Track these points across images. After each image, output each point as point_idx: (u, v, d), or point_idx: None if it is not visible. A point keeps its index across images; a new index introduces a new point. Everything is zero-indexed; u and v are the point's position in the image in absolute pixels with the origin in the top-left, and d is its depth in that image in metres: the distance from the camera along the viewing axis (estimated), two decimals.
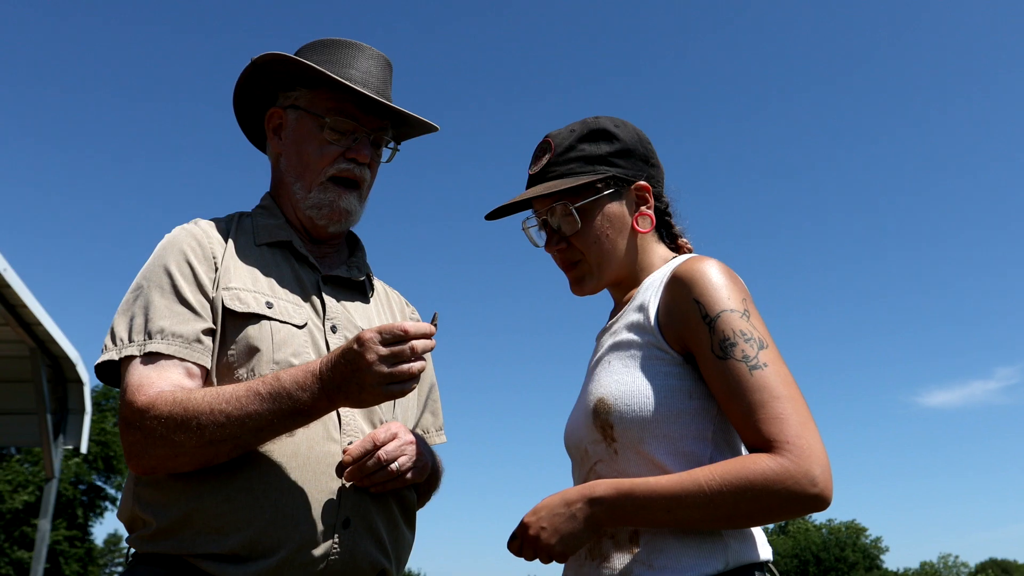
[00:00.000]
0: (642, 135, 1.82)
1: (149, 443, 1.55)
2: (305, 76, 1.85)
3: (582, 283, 1.78)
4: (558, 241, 1.77)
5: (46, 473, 8.82)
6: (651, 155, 1.81)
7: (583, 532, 1.52)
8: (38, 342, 8.13)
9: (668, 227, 1.85)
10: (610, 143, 1.76)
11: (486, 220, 1.87)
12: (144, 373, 1.61)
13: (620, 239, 1.75)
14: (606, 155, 1.75)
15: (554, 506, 1.55)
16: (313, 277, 1.86)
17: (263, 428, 1.54)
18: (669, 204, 1.85)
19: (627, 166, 1.76)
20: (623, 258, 1.76)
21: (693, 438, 1.55)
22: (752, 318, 1.54)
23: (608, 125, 1.78)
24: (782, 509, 1.42)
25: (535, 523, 1.55)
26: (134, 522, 1.67)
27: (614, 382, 1.61)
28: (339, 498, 1.64)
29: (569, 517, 1.53)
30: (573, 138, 1.76)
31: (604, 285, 1.78)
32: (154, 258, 1.76)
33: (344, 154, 1.85)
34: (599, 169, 1.73)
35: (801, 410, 1.46)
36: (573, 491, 1.55)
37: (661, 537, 1.51)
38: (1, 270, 6.90)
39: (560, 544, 1.52)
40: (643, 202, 1.77)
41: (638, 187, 1.76)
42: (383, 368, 1.49)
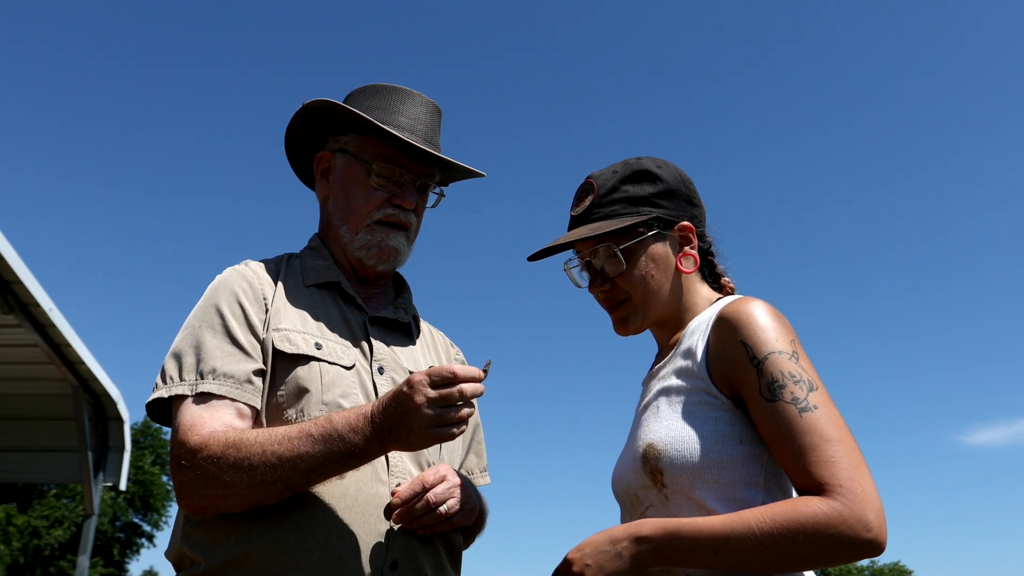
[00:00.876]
0: (684, 175, 1.83)
1: (201, 483, 1.57)
2: (354, 122, 1.89)
3: (626, 323, 1.77)
4: (602, 282, 1.77)
5: (86, 510, 8.89)
6: (693, 195, 1.82)
7: (628, 571, 1.50)
8: (80, 380, 8.26)
9: (711, 267, 1.85)
10: (653, 184, 1.76)
11: (528, 262, 1.88)
12: (196, 413, 1.63)
13: (665, 279, 1.75)
14: (649, 196, 1.75)
15: (599, 543, 1.53)
16: (360, 318, 1.88)
17: (314, 470, 1.55)
18: (712, 244, 1.85)
19: (670, 207, 1.76)
20: (668, 298, 1.75)
21: (744, 484, 1.54)
22: (801, 360, 1.53)
23: (651, 166, 1.78)
24: (834, 554, 1.39)
25: (579, 560, 1.53)
26: (182, 561, 1.68)
27: (663, 427, 1.60)
28: (387, 540, 1.64)
29: (614, 555, 1.51)
30: (616, 179, 1.77)
31: (648, 325, 1.78)
32: (206, 298, 1.79)
33: (390, 200, 1.88)
34: (643, 210, 1.74)
35: (853, 453, 1.44)
36: (619, 529, 1.54)
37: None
38: (47, 310, 7.04)
39: None
40: (687, 242, 1.77)
41: (681, 227, 1.76)
42: (432, 411, 1.49)
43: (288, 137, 2.00)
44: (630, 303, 1.76)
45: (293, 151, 2.04)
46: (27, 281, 6.73)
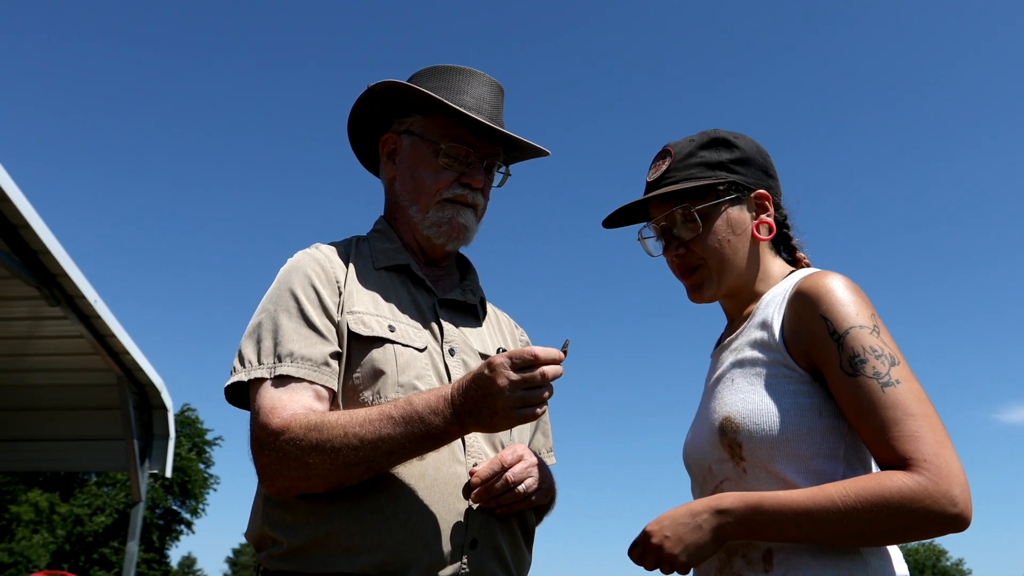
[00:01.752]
0: (761, 148, 1.81)
1: (283, 465, 1.58)
2: (420, 103, 1.89)
3: (701, 289, 1.76)
4: (677, 246, 1.75)
5: (133, 497, 9.05)
6: (770, 167, 1.81)
7: (708, 544, 1.50)
8: (125, 370, 8.39)
9: (786, 239, 1.83)
10: (730, 151, 1.76)
11: (603, 227, 1.88)
12: (276, 396, 1.64)
13: (740, 245, 1.73)
14: (726, 161, 1.75)
15: (678, 516, 1.53)
16: (430, 300, 1.88)
17: (395, 452, 1.56)
18: (788, 216, 1.83)
19: (747, 174, 1.75)
20: (742, 266, 1.74)
21: (824, 456, 1.53)
22: (882, 334, 1.52)
23: (727, 135, 1.78)
24: (918, 529, 1.39)
25: (658, 532, 1.53)
26: (263, 541, 1.70)
27: (740, 400, 1.59)
28: (466, 519, 1.66)
29: (694, 528, 1.51)
30: (692, 146, 1.77)
31: (722, 292, 1.76)
32: (279, 282, 1.80)
33: (458, 179, 1.88)
34: (719, 174, 1.73)
35: (937, 428, 1.43)
36: (699, 502, 1.54)
37: (797, 555, 1.48)
38: (92, 302, 7.15)
39: (684, 554, 1.50)
40: (763, 210, 1.76)
41: (758, 195, 1.75)
42: (515, 394, 1.50)
43: (351, 120, 2.00)
44: (705, 268, 1.74)
45: (355, 135, 2.05)
46: (72, 274, 6.84)
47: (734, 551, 1.56)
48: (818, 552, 1.47)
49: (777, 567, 1.50)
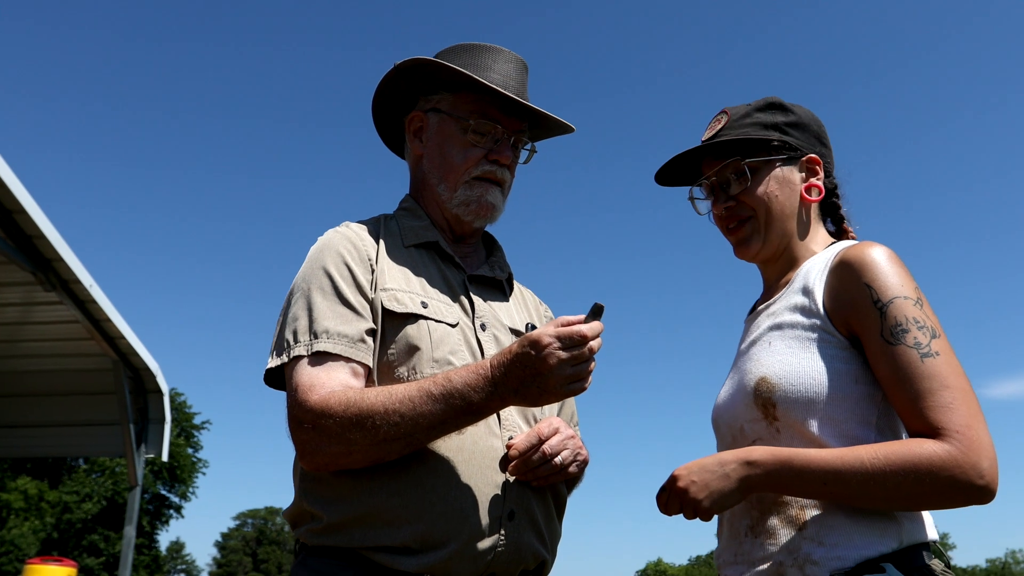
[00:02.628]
0: (817, 118, 1.85)
1: (323, 441, 1.60)
2: (447, 80, 1.89)
3: (748, 243, 1.78)
4: (726, 199, 1.78)
5: (130, 481, 9.05)
6: (824, 136, 1.84)
7: (734, 492, 1.54)
8: (120, 355, 8.37)
9: (835, 209, 1.86)
10: (785, 114, 1.80)
11: (655, 182, 1.91)
12: (313, 373, 1.65)
13: (789, 204, 1.76)
14: (780, 123, 1.78)
15: (707, 464, 1.56)
16: (459, 277, 1.90)
17: (435, 427, 1.58)
18: (838, 186, 1.86)
19: (800, 137, 1.78)
20: (789, 226, 1.77)
21: (857, 422, 1.55)
22: (924, 307, 1.54)
23: (784, 101, 1.82)
24: (944, 497, 1.42)
25: (686, 476, 1.56)
26: (302, 516, 1.71)
27: (778, 362, 1.62)
28: (503, 491, 1.68)
29: (722, 476, 1.54)
30: (749, 108, 1.81)
31: (768, 251, 1.78)
32: (311, 261, 1.81)
33: (487, 156, 1.89)
34: (772, 134, 1.76)
35: (971, 402, 1.46)
36: (729, 453, 1.57)
37: (831, 514, 1.51)
38: (87, 286, 7.11)
39: (708, 500, 1.53)
40: (813, 174, 1.79)
41: (809, 158, 1.78)
42: (565, 371, 1.52)
43: (376, 98, 2.01)
44: (753, 221, 1.77)
45: (379, 114, 2.05)
46: (68, 259, 6.81)
47: (768, 509, 1.59)
48: (852, 512, 1.50)
49: (811, 525, 1.53)
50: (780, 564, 1.53)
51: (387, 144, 2.13)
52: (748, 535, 1.61)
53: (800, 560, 1.51)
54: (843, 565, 1.47)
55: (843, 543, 1.48)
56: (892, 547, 1.48)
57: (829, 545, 1.49)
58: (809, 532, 1.52)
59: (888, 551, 1.47)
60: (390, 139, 2.11)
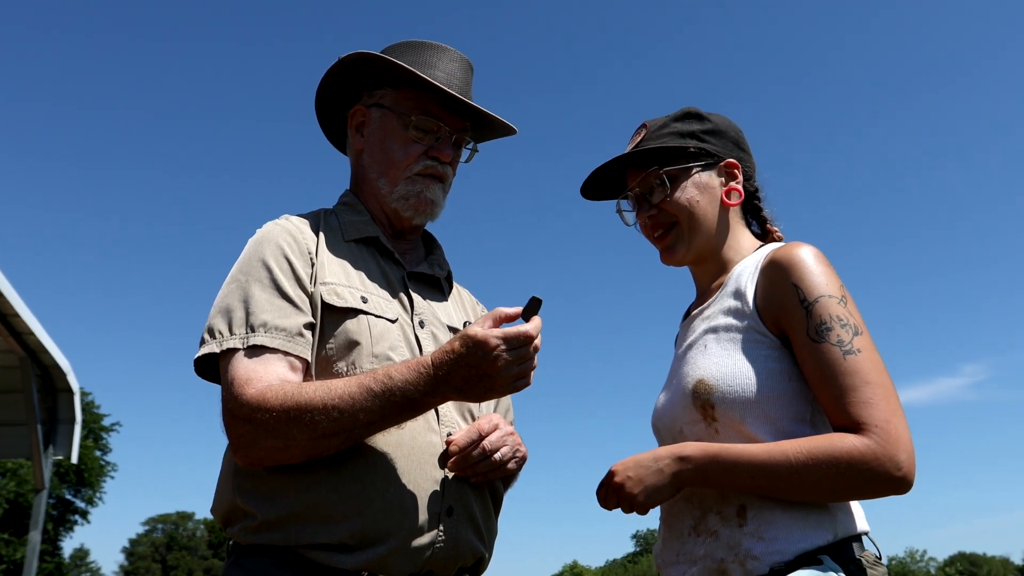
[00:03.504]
0: (735, 125, 1.90)
1: (259, 436, 1.57)
2: (390, 75, 1.89)
3: (673, 250, 1.83)
4: (649, 208, 1.83)
5: (36, 484, 8.68)
6: (742, 141, 1.89)
7: (667, 487, 1.59)
8: (29, 352, 8.03)
9: (757, 211, 1.91)
10: (701, 123, 1.85)
11: (581, 196, 1.95)
12: (250, 366, 1.63)
13: (710, 208, 1.81)
14: (697, 132, 1.83)
15: (643, 460, 1.62)
16: (399, 273, 1.89)
17: (374, 422, 1.57)
18: (759, 189, 1.91)
19: (717, 144, 1.84)
20: (712, 230, 1.82)
21: (793, 419, 1.61)
22: (848, 304, 1.60)
23: (700, 110, 1.87)
24: (864, 488, 1.48)
25: (622, 472, 1.62)
26: (235, 514, 1.67)
27: (714, 364, 1.66)
28: (442, 487, 1.68)
29: (656, 471, 1.59)
30: (667, 119, 1.86)
31: (693, 255, 1.83)
32: (250, 253, 1.78)
33: (427, 152, 1.89)
34: (689, 142, 1.81)
35: (891, 397, 1.52)
36: (663, 448, 1.62)
37: (769, 510, 1.56)
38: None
39: (643, 494, 1.59)
40: (732, 178, 1.84)
41: (728, 163, 1.84)
42: (512, 371, 1.54)
43: (320, 91, 1.99)
44: (678, 228, 1.82)
45: (321, 108, 2.03)
46: None
47: (709, 508, 1.64)
48: (789, 507, 1.55)
49: (751, 521, 1.57)
50: (722, 561, 1.58)
51: (328, 138, 2.11)
52: (690, 534, 1.65)
53: (741, 556, 1.55)
54: (782, 559, 1.52)
55: (781, 537, 1.53)
56: (827, 539, 1.53)
57: (768, 540, 1.54)
58: (749, 528, 1.56)
59: (824, 543, 1.53)
60: (331, 134, 2.10)
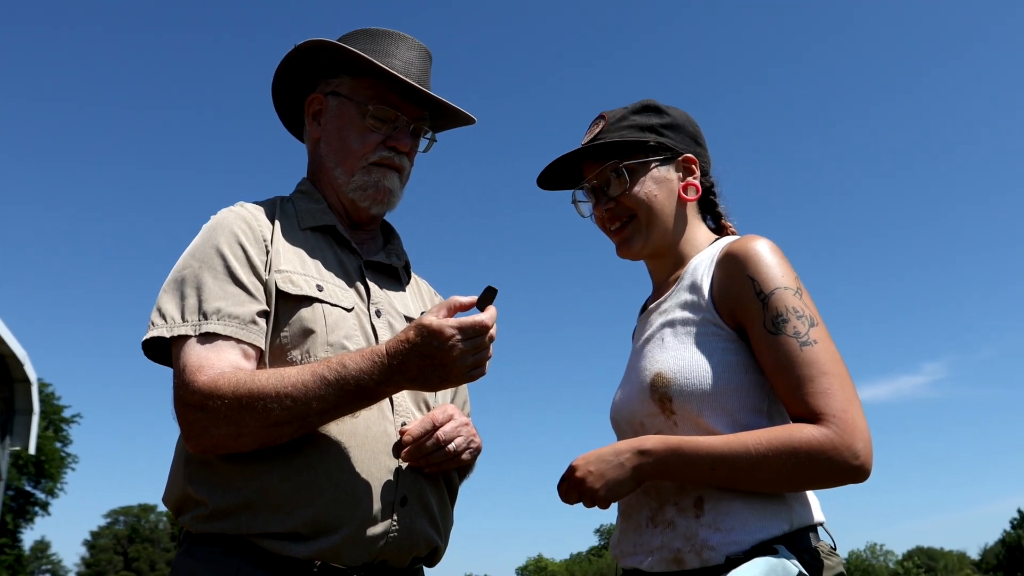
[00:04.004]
0: (692, 119, 1.90)
1: (211, 423, 1.55)
2: (348, 63, 1.87)
3: (630, 243, 1.83)
4: (607, 201, 1.82)
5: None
6: (699, 136, 1.90)
7: (628, 480, 1.60)
8: None
9: (712, 206, 1.92)
10: (660, 116, 1.85)
11: (538, 186, 1.94)
12: (202, 353, 1.61)
13: (667, 202, 1.81)
14: (656, 125, 1.83)
15: (603, 454, 1.62)
16: (355, 262, 1.88)
17: (327, 411, 1.56)
18: (715, 184, 1.92)
19: (675, 138, 1.84)
20: (669, 225, 1.82)
21: (750, 411, 1.62)
22: (804, 296, 1.62)
23: (659, 104, 1.87)
24: (823, 478, 1.50)
25: (583, 466, 1.62)
26: (186, 503, 1.66)
27: (671, 357, 1.67)
28: (396, 477, 1.67)
29: (617, 465, 1.60)
30: (625, 111, 1.85)
31: (650, 249, 1.83)
32: (204, 239, 1.76)
33: (384, 142, 1.88)
34: (648, 136, 1.81)
35: (847, 387, 1.54)
36: (623, 443, 1.63)
37: (726, 501, 1.57)
38: None
39: (604, 489, 1.60)
40: (689, 173, 1.85)
41: (686, 158, 1.84)
42: (467, 361, 1.54)
43: (277, 79, 1.97)
44: (636, 222, 1.81)
45: (279, 95, 2.01)
46: None
47: (666, 500, 1.64)
48: (746, 498, 1.56)
49: (707, 513, 1.58)
50: (678, 551, 1.59)
51: (286, 126, 2.09)
52: (648, 525, 1.66)
53: (698, 546, 1.56)
54: (739, 549, 1.53)
55: (738, 528, 1.54)
56: (784, 529, 1.55)
57: (725, 531, 1.55)
58: (706, 520, 1.57)
59: (780, 533, 1.54)
60: (290, 122, 2.08)
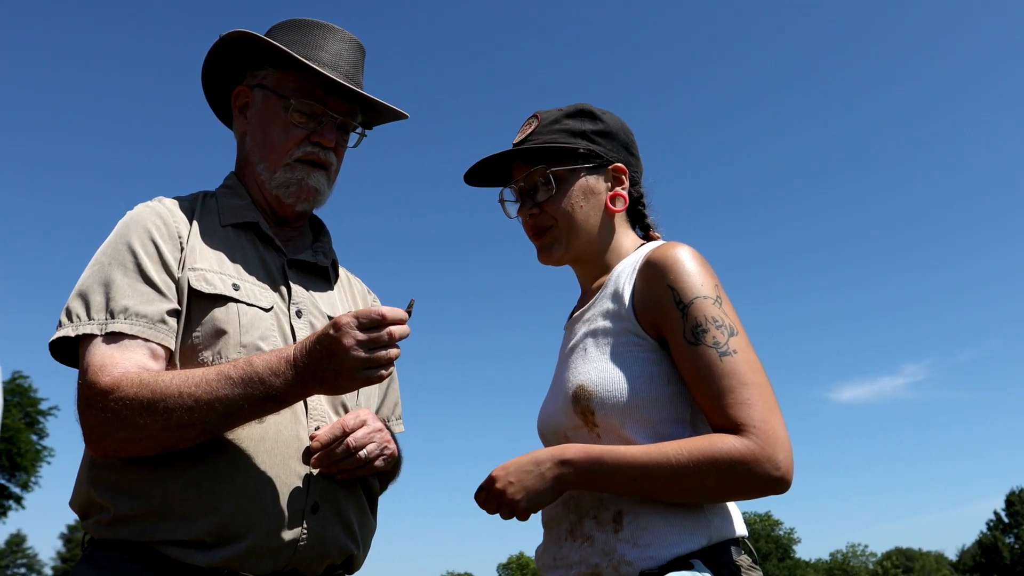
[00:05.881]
0: (626, 126, 1.86)
1: (112, 425, 1.51)
2: (273, 56, 1.82)
3: (550, 251, 1.79)
4: (531, 207, 1.78)
5: None
6: (632, 145, 1.85)
7: (549, 491, 1.56)
8: None
9: (641, 217, 1.88)
10: (594, 122, 1.80)
11: (465, 182, 1.89)
12: (107, 353, 1.56)
13: (593, 213, 1.77)
14: (588, 131, 1.78)
15: (523, 464, 1.58)
16: (278, 260, 1.83)
17: (233, 413, 1.52)
18: (644, 195, 1.88)
19: (608, 146, 1.79)
20: (593, 234, 1.78)
21: (672, 421, 1.59)
22: (724, 305, 1.58)
23: (595, 109, 1.82)
24: (744, 488, 1.48)
25: (503, 477, 1.58)
26: (90, 507, 1.62)
27: (593, 369, 1.63)
28: (307, 483, 1.63)
29: (538, 475, 1.56)
30: (559, 114, 1.80)
31: (570, 257, 1.80)
32: (116, 235, 1.71)
33: (309, 137, 1.82)
34: (580, 142, 1.77)
35: (768, 397, 1.51)
36: (543, 452, 1.59)
37: (645, 516, 1.54)
38: None
39: (525, 500, 1.56)
40: (619, 183, 1.81)
41: (615, 168, 1.80)
42: (360, 353, 1.47)
43: (205, 70, 1.91)
44: (556, 230, 1.77)
45: (210, 86, 1.96)
46: None
47: (585, 513, 1.61)
48: (665, 512, 1.53)
49: (626, 527, 1.55)
50: (596, 566, 1.56)
51: (220, 119, 2.03)
52: (567, 539, 1.63)
53: (615, 561, 1.53)
54: (655, 564, 1.50)
55: (656, 543, 1.52)
56: (701, 544, 1.52)
57: (643, 546, 1.52)
58: (624, 534, 1.55)
59: (697, 548, 1.52)
60: (225, 113, 2.02)
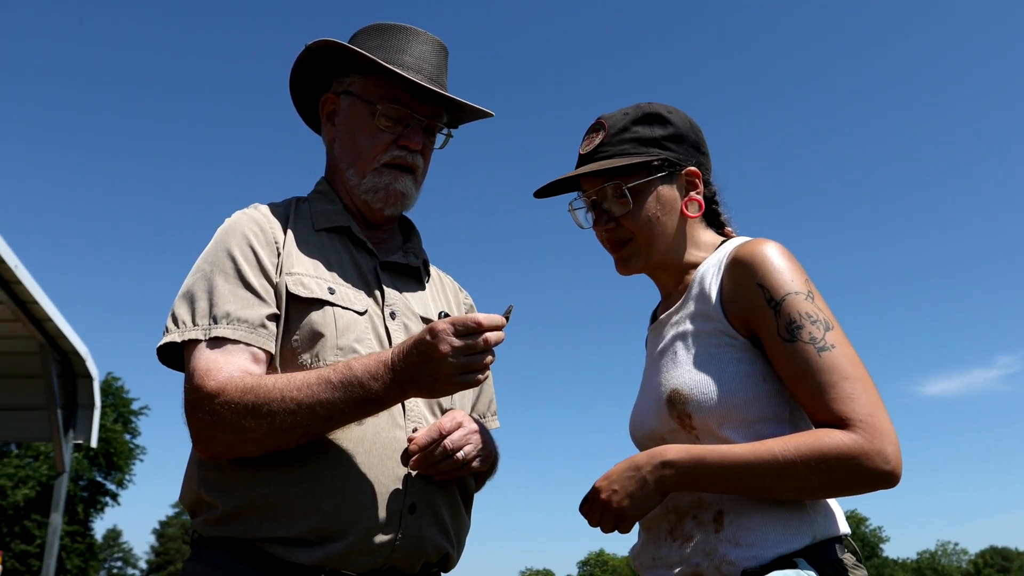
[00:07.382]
0: (694, 123, 1.82)
1: (218, 428, 1.55)
2: (358, 62, 1.85)
3: (628, 263, 1.77)
4: (607, 221, 1.76)
5: (56, 468, 8.81)
6: (702, 143, 1.82)
7: (653, 494, 1.54)
8: (48, 338, 8.13)
9: (715, 215, 1.85)
10: (663, 127, 1.76)
11: (534, 197, 1.87)
12: (211, 357, 1.61)
13: (670, 222, 1.75)
14: (659, 138, 1.75)
15: (623, 470, 1.56)
16: (371, 263, 1.85)
17: (333, 416, 1.54)
18: (717, 192, 1.85)
19: (679, 151, 1.76)
20: (671, 242, 1.75)
21: (771, 420, 1.56)
22: (816, 299, 1.55)
23: (661, 110, 1.78)
24: (853, 484, 1.44)
25: (606, 487, 1.56)
26: (198, 505, 1.67)
27: (686, 372, 1.61)
28: (405, 484, 1.64)
29: (639, 480, 1.54)
30: (627, 120, 1.76)
31: (650, 267, 1.78)
32: (216, 242, 1.76)
33: (396, 141, 1.84)
34: (652, 151, 1.73)
35: (870, 390, 1.48)
36: (641, 456, 1.57)
37: (747, 515, 1.51)
38: (12, 267, 6.90)
39: (632, 507, 1.54)
40: (693, 187, 1.77)
41: (689, 172, 1.76)
42: (457, 360, 1.49)
43: (293, 80, 1.95)
44: (634, 243, 1.75)
45: (299, 95, 1.99)
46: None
47: (685, 513, 1.59)
48: (767, 511, 1.51)
49: (727, 527, 1.53)
50: (697, 566, 1.54)
51: (310, 126, 2.07)
52: (667, 539, 1.61)
53: (717, 561, 1.51)
54: (758, 563, 1.48)
55: (759, 543, 1.49)
56: (805, 543, 1.49)
57: (745, 545, 1.50)
58: (725, 534, 1.52)
59: (801, 547, 1.49)
60: (314, 121, 2.05)
